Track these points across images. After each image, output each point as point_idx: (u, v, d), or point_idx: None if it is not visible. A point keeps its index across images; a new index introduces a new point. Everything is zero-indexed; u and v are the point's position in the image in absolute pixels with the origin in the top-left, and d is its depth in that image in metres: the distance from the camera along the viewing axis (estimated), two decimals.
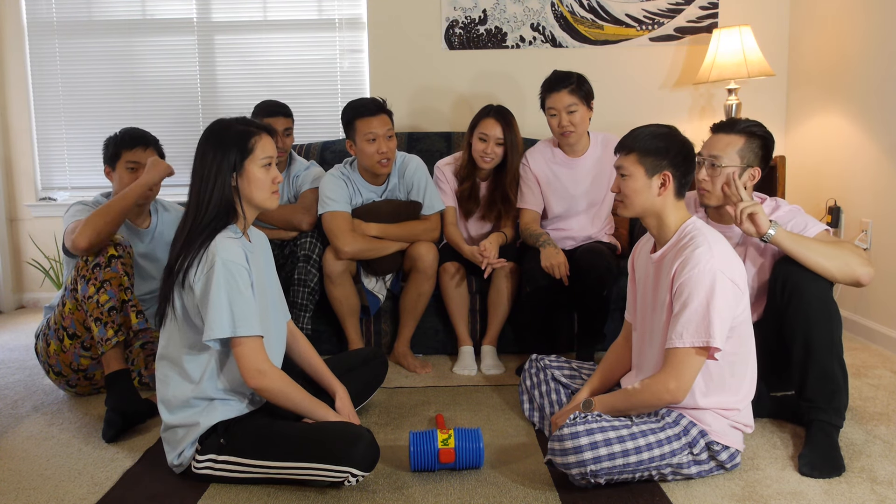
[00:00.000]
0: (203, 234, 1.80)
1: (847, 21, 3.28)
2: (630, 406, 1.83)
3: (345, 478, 1.75)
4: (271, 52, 3.95)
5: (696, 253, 1.73)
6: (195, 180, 1.85)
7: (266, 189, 1.87)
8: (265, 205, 1.89)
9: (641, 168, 1.83)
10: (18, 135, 4.00)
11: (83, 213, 2.40)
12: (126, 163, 2.48)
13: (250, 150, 1.84)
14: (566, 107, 2.76)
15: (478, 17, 3.82)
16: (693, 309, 1.71)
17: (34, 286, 4.10)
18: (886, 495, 1.75)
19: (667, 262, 1.83)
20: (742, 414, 1.85)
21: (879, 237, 3.05)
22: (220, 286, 1.75)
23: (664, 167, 1.82)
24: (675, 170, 1.82)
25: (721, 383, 1.81)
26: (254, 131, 1.86)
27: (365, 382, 2.32)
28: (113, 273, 2.31)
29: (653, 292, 1.90)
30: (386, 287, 2.96)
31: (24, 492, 1.85)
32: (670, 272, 1.79)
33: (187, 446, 1.84)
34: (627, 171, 1.85)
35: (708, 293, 1.71)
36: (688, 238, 1.80)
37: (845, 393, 2.00)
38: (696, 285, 1.71)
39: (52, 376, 2.51)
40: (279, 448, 1.78)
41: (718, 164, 2.07)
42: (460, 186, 3.00)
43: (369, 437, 1.78)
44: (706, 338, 1.70)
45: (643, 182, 1.83)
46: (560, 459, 1.73)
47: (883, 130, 3.01)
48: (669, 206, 1.84)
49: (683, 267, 1.75)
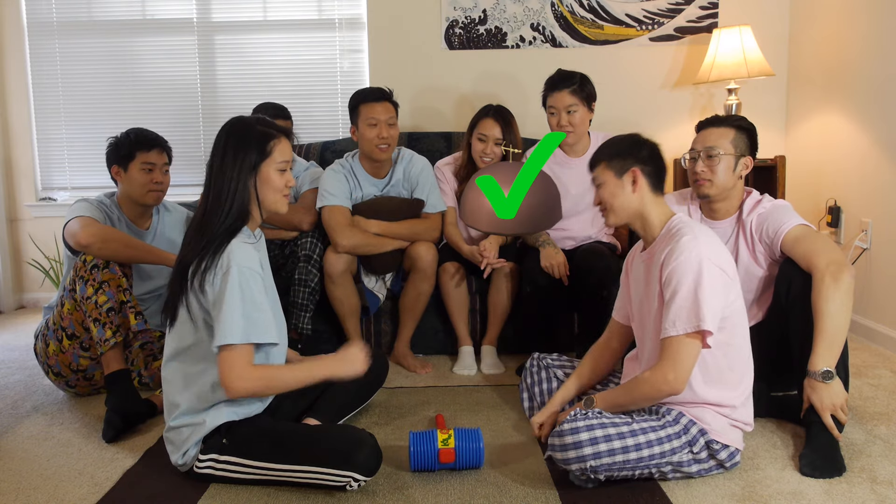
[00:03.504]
0: (221, 237, 1.78)
1: (847, 21, 3.28)
2: (631, 400, 1.84)
3: (346, 482, 1.74)
4: (271, 52, 3.95)
5: (682, 242, 1.77)
6: (215, 180, 1.81)
7: (279, 192, 1.86)
8: (276, 208, 1.88)
9: (611, 172, 1.91)
10: (18, 135, 4.00)
11: (87, 210, 2.43)
12: (141, 164, 2.50)
13: (269, 152, 1.83)
14: (566, 107, 2.76)
15: (478, 17, 3.82)
16: (683, 296, 1.74)
17: (34, 286, 4.10)
18: (886, 495, 1.75)
19: (656, 257, 1.86)
20: (740, 411, 1.85)
21: (879, 237, 3.05)
22: (234, 292, 1.73)
23: (630, 165, 1.90)
24: (642, 165, 1.89)
25: (719, 376, 1.82)
26: (273, 134, 1.85)
27: (365, 383, 2.30)
28: (111, 274, 2.32)
29: (645, 289, 1.92)
30: (386, 287, 2.96)
31: (24, 492, 1.85)
32: (659, 264, 1.82)
33: (192, 446, 1.83)
34: (600, 179, 1.94)
35: (696, 279, 1.74)
36: (675, 230, 1.84)
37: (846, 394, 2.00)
38: (684, 273, 1.75)
39: (52, 377, 2.51)
40: (282, 450, 1.78)
41: (715, 154, 2.14)
42: (460, 186, 3.01)
43: (372, 441, 1.78)
44: (697, 322, 1.72)
45: (615, 184, 1.90)
46: (560, 455, 1.73)
47: (883, 130, 3.01)
48: (648, 202, 1.90)
49: (670, 256, 1.78)
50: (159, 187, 2.54)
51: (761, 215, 2.16)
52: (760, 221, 2.16)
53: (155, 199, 2.56)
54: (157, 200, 2.57)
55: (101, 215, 2.45)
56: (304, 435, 1.82)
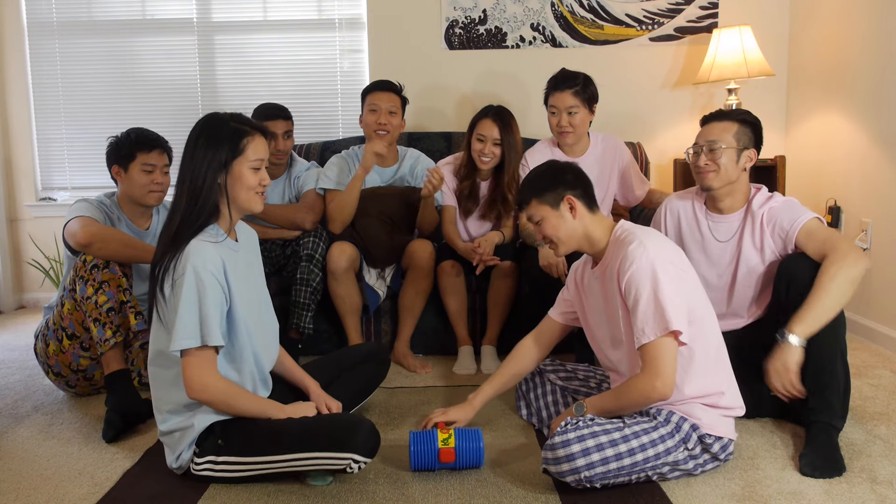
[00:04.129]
0: (187, 237, 1.76)
1: (847, 21, 3.28)
2: (620, 407, 1.84)
3: (347, 464, 1.74)
4: (271, 52, 3.95)
5: (630, 250, 1.80)
6: (185, 176, 1.79)
7: (252, 191, 1.83)
8: (250, 206, 1.85)
9: (546, 206, 1.92)
10: (18, 135, 4.00)
11: (87, 210, 2.43)
12: (142, 165, 2.49)
13: (241, 150, 1.80)
14: (567, 107, 2.76)
15: (478, 17, 3.82)
16: (645, 302, 1.75)
17: (34, 286, 4.10)
18: (886, 495, 1.75)
19: (609, 270, 1.88)
20: (727, 397, 1.85)
21: (879, 237, 3.05)
22: (188, 295, 1.71)
23: (562, 193, 1.91)
24: (572, 190, 1.92)
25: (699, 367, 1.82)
26: (247, 131, 1.82)
27: (366, 380, 2.31)
28: (111, 274, 2.32)
29: (604, 303, 1.94)
30: (386, 284, 2.97)
31: (24, 492, 1.85)
32: (614, 276, 1.84)
33: (185, 449, 1.83)
34: (537, 216, 1.94)
35: (653, 283, 1.75)
36: (622, 238, 1.86)
37: (847, 394, 2.00)
38: (640, 279, 1.76)
39: (52, 377, 2.51)
40: (280, 441, 1.78)
41: (718, 147, 2.15)
42: (460, 185, 3.02)
43: (369, 423, 1.79)
44: (665, 324, 1.73)
45: (555, 216, 1.92)
46: (554, 468, 1.74)
47: (883, 130, 3.01)
48: (590, 223, 1.93)
49: (623, 264, 1.80)
50: (159, 188, 2.54)
51: (773, 209, 2.15)
52: (773, 215, 2.14)
53: (156, 200, 2.56)
54: (157, 201, 2.57)
55: (101, 215, 2.45)
56: (300, 424, 1.81)
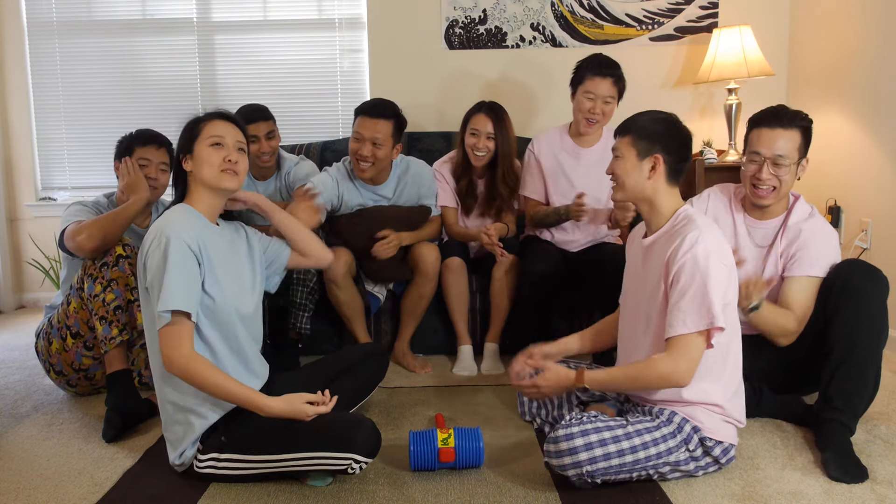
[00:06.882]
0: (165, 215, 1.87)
1: (847, 21, 3.28)
2: (630, 385, 1.83)
3: (348, 465, 1.74)
4: (271, 52, 3.95)
5: (689, 238, 1.75)
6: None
7: (214, 167, 1.88)
8: (218, 183, 1.88)
9: (634, 150, 1.85)
10: (18, 135, 4.00)
11: (82, 213, 2.41)
12: (138, 159, 2.50)
13: (198, 132, 1.91)
14: (605, 96, 2.76)
15: (478, 16, 3.82)
16: (692, 294, 1.72)
17: (34, 286, 4.10)
18: (886, 495, 1.75)
19: (658, 249, 1.84)
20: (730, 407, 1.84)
21: (879, 237, 3.05)
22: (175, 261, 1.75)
23: (656, 150, 1.84)
24: (666, 154, 1.83)
25: (717, 373, 1.82)
26: (203, 117, 1.94)
27: (365, 379, 2.31)
28: (120, 272, 2.31)
29: (643, 279, 1.90)
30: (386, 288, 2.96)
31: (24, 492, 1.85)
32: (663, 258, 1.80)
33: (188, 446, 1.83)
34: (620, 152, 1.88)
35: (704, 276, 1.72)
36: (681, 225, 1.81)
37: (870, 403, 2.01)
38: (692, 270, 1.73)
39: (53, 375, 2.51)
40: (282, 440, 1.78)
41: (784, 164, 2.07)
42: (458, 184, 3.02)
43: (370, 423, 1.79)
44: (709, 319, 1.71)
45: (633, 163, 1.85)
46: (556, 461, 1.73)
47: (883, 130, 3.01)
48: (661, 191, 1.86)
49: (676, 252, 1.76)
50: (154, 183, 2.53)
51: (805, 233, 2.10)
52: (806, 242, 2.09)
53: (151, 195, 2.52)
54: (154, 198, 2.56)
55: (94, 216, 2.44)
56: (302, 423, 1.81)
